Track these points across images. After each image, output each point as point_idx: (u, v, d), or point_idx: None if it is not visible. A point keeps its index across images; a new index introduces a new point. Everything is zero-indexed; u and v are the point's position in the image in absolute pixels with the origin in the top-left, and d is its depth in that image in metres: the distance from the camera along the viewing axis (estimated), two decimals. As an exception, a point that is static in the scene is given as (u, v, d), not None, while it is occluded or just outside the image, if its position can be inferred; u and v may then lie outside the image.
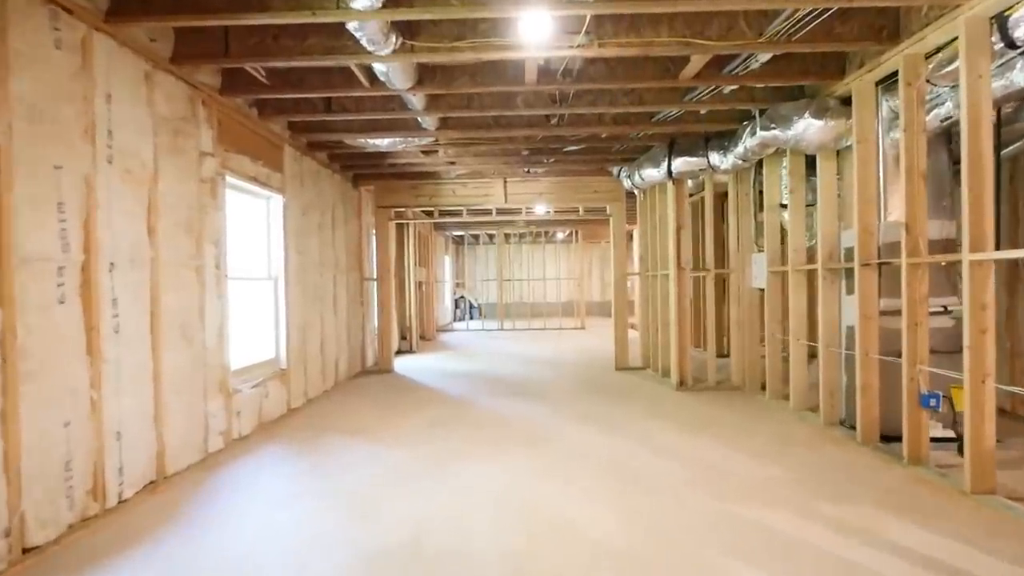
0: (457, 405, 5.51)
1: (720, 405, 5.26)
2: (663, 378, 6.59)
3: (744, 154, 5.07)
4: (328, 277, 6.34)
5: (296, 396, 5.32)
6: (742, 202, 5.88)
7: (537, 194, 7.59)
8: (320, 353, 6.01)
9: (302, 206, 5.60)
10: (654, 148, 6.06)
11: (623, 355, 7.49)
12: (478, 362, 8.54)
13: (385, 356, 7.59)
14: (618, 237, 7.54)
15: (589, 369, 7.64)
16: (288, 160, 5.28)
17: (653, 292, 7.14)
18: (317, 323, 5.95)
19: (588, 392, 6.04)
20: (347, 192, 7.16)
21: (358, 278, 7.50)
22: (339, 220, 6.76)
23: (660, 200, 6.63)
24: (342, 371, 6.76)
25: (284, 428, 4.66)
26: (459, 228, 13.95)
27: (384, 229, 7.62)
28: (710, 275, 6.14)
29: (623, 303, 7.54)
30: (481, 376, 7.21)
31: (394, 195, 7.60)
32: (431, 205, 7.66)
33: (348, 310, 7.05)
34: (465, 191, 7.60)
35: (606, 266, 19.63)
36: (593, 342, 11.01)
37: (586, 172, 7.49)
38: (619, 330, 7.51)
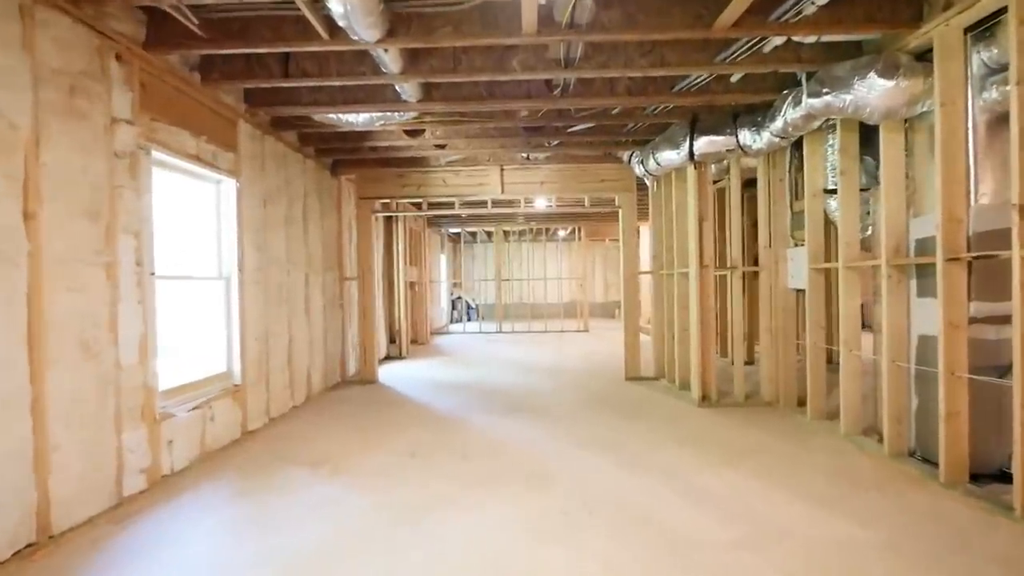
0: (444, 426, 4.71)
1: (754, 426, 4.46)
2: (681, 391, 5.79)
3: (783, 130, 4.27)
4: (298, 277, 5.54)
5: (254, 416, 4.52)
6: (775, 189, 5.08)
7: (537, 184, 6.79)
8: (287, 364, 5.21)
9: (263, 194, 4.80)
10: (673, 126, 5.26)
11: (634, 363, 6.69)
12: (473, 370, 7.74)
13: (368, 365, 6.79)
14: (628, 231, 6.74)
15: (595, 379, 6.84)
16: (244, 138, 4.48)
17: (668, 293, 6.34)
18: (283, 329, 5.15)
19: (596, 408, 5.24)
20: (324, 181, 6.37)
21: (337, 278, 6.70)
22: (313, 212, 5.97)
23: (678, 188, 5.83)
24: (316, 383, 5.96)
25: (234, 458, 3.87)
26: (455, 225, 13.16)
27: (366, 223, 6.82)
28: (736, 273, 5.34)
29: (634, 305, 6.74)
30: (475, 387, 6.41)
31: (377, 185, 6.80)
32: (419, 196, 6.85)
33: (325, 314, 6.25)
34: (457, 180, 6.80)
35: (610, 266, 18.83)
36: (598, 346, 10.21)
37: (592, 159, 6.69)
38: (629, 335, 6.71)
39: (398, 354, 9.07)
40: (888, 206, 3.59)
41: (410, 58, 3.74)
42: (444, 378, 7.10)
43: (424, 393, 6.13)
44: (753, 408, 5.08)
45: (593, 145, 6.07)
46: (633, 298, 6.74)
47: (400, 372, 7.62)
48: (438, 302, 14.43)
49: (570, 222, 13.24)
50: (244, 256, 4.41)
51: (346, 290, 6.88)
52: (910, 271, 3.56)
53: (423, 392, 6.19)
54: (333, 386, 6.48)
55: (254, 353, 4.54)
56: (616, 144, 6.07)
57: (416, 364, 8.39)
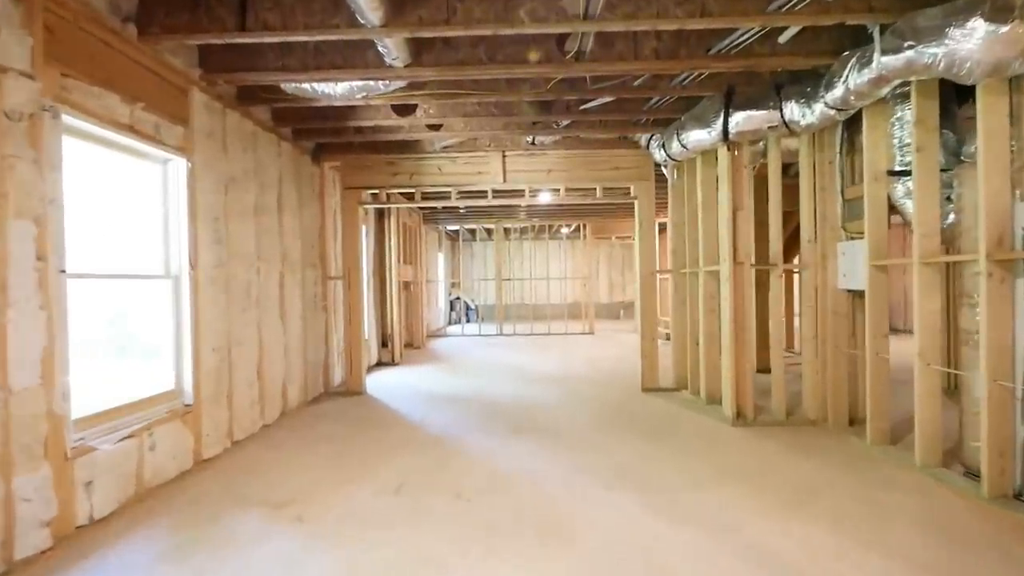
0: (437, 451, 4.00)
1: (805, 453, 3.75)
2: (708, 406, 5.08)
3: (843, 100, 3.57)
4: (271, 275, 4.83)
5: (212, 441, 3.81)
6: (823, 173, 4.37)
7: (544, 172, 6.08)
8: (256, 377, 4.50)
9: (225, 178, 4.09)
10: (704, 101, 4.55)
11: (651, 373, 5.98)
12: (471, 379, 7.03)
13: (354, 374, 6.08)
14: (645, 225, 6.03)
15: (608, 390, 6.13)
16: (199, 111, 3.77)
17: (692, 294, 5.63)
18: (252, 336, 4.44)
19: (613, 428, 4.53)
20: (303, 167, 5.66)
21: (319, 277, 5.99)
22: (290, 202, 5.26)
23: (705, 176, 5.12)
24: (293, 397, 5.25)
25: (178, 497, 3.15)
26: (453, 221, 12.45)
27: (352, 215, 6.11)
28: (776, 272, 4.63)
29: (651, 307, 6.04)
30: (474, 400, 5.70)
31: (365, 173, 6.09)
32: (411, 186, 6.14)
33: (304, 317, 5.54)
34: (454, 168, 6.09)
35: (614, 265, 18.13)
36: (606, 351, 9.50)
37: (606, 143, 5.98)
38: (646, 341, 6.00)
39: (391, 360, 8.36)
40: (988, 187, 2.88)
41: (394, 6, 3.04)
42: (439, 388, 6.39)
43: (416, 407, 5.42)
44: (797, 428, 4.37)
45: (608, 127, 5.36)
46: (650, 300, 6.03)
47: (391, 381, 6.91)
48: (435, 303, 13.72)
49: (575, 218, 12.54)
50: (198, 250, 3.70)
51: (330, 290, 6.17)
52: (1017, 268, 2.85)
53: (415, 406, 5.48)
54: (314, 399, 5.77)
55: (211, 366, 3.83)
56: (634, 126, 5.36)
57: (410, 371, 7.68)
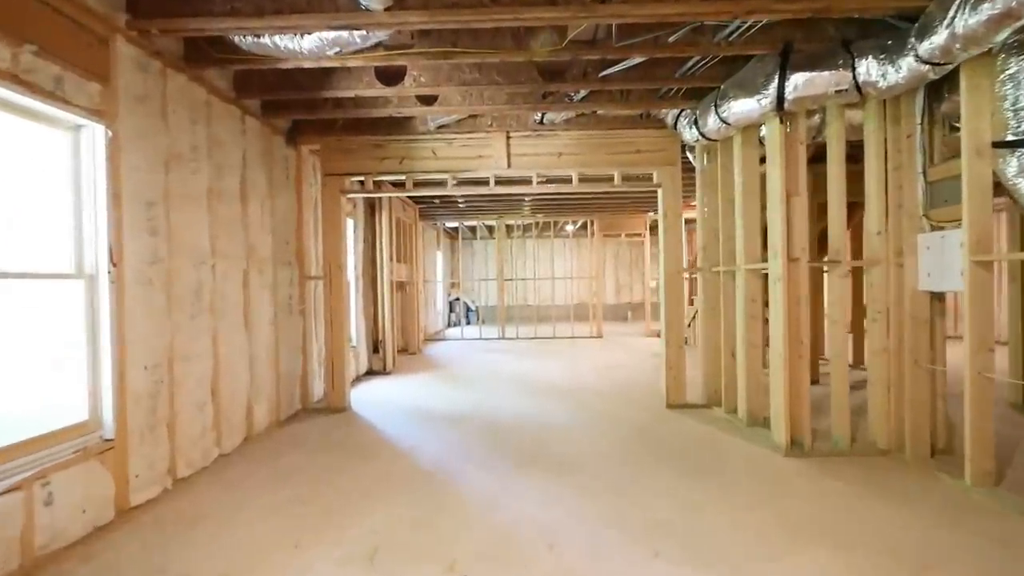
0: (426, 494, 3.22)
1: (891, 499, 2.96)
2: (750, 428, 4.30)
3: (945, 48, 2.78)
4: (232, 275, 4.05)
5: (144, 483, 3.04)
6: (898, 150, 3.59)
7: (554, 155, 5.29)
8: (210, 397, 3.72)
9: (165, 154, 3.31)
10: (752, 63, 3.77)
11: (677, 387, 5.20)
12: (471, 391, 6.25)
13: (336, 388, 5.30)
14: (670, 216, 5.24)
15: (627, 406, 5.34)
16: (126, 67, 3.00)
17: (727, 297, 4.84)
18: (204, 348, 3.66)
19: (643, 460, 3.75)
20: (276, 149, 4.88)
21: (295, 277, 5.21)
22: (257, 188, 4.48)
23: (745, 157, 4.34)
24: (261, 418, 4.47)
25: (74, 572, 2.37)
26: (451, 217, 11.66)
27: (334, 206, 5.33)
28: (838, 270, 3.84)
29: (677, 311, 5.25)
30: (473, 420, 4.92)
31: (348, 157, 5.31)
32: (402, 172, 5.36)
33: (276, 323, 4.76)
34: (450, 151, 5.30)
35: (621, 264, 17.33)
36: (618, 357, 8.71)
37: (626, 122, 5.19)
38: (672, 350, 5.21)
39: (382, 368, 7.58)
40: None
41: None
42: (434, 403, 5.60)
43: (406, 428, 4.64)
44: (865, 461, 3.58)
45: (631, 101, 4.56)
46: (676, 303, 5.24)
47: (381, 394, 6.13)
48: (433, 305, 12.95)
49: (582, 214, 11.75)
50: (122, 243, 2.92)
51: (309, 292, 5.39)
52: None
53: (405, 427, 4.70)
54: (289, 418, 4.99)
55: (142, 388, 3.05)
56: (661, 100, 4.57)
57: (402, 382, 6.89)
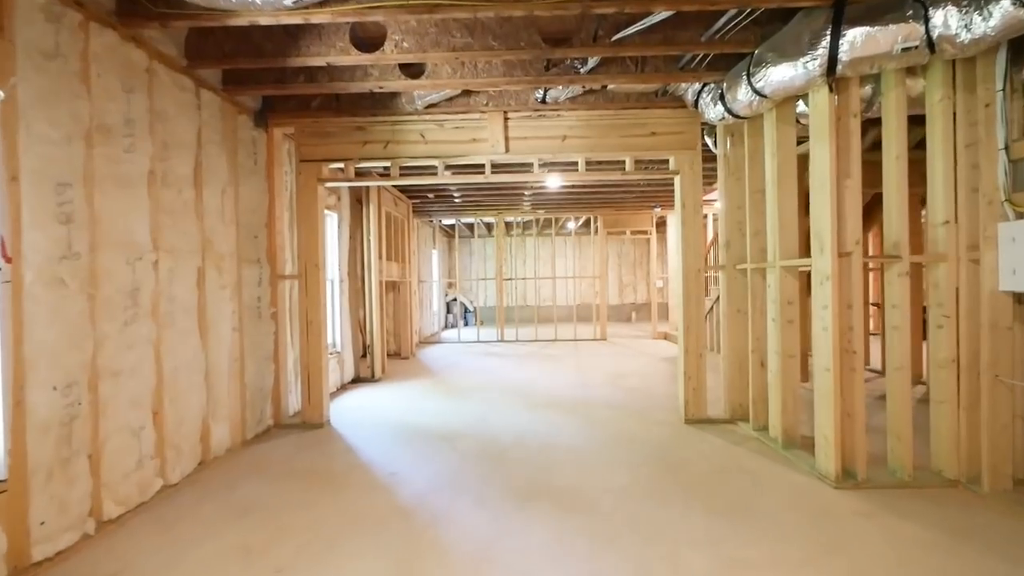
0: (404, 543, 2.62)
1: (989, 550, 2.37)
2: (787, 451, 3.71)
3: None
4: (182, 273, 3.45)
5: (53, 530, 2.44)
6: (972, 122, 2.99)
7: (558, 138, 4.69)
8: (150, 421, 3.12)
9: (85, 124, 2.71)
10: (797, 19, 3.16)
11: (698, 400, 4.60)
12: (465, 402, 5.65)
13: (313, 402, 4.70)
14: (689, 207, 4.64)
15: (642, 421, 4.75)
16: (27, 14, 2.41)
17: (756, 298, 4.25)
18: (141, 360, 3.06)
19: (667, 494, 3.15)
20: (242, 131, 4.28)
21: (266, 276, 4.61)
22: (216, 174, 3.88)
23: (781, 136, 3.75)
24: (221, 439, 3.87)
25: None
26: (447, 213, 11.06)
27: (310, 196, 4.73)
28: (896, 268, 3.24)
29: (697, 314, 4.65)
30: (467, 439, 4.32)
31: (326, 141, 4.71)
32: (386, 157, 4.76)
33: (242, 329, 4.17)
34: (441, 134, 4.70)
35: (625, 263, 16.73)
36: (626, 363, 8.11)
37: (640, 100, 4.58)
38: (691, 359, 4.61)
39: (370, 375, 6.98)
40: None
41: None
42: (424, 418, 5.01)
43: (388, 450, 4.04)
44: (933, 494, 2.99)
45: (647, 71, 3.96)
46: (696, 305, 4.64)
47: (366, 405, 5.53)
48: (429, 306, 12.35)
49: (585, 210, 11.14)
50: (21, 233, 2.32)
51: (283, 294, 4.79)
52: None
53: (388, 447, 4.10)
54: (257, 437, 4.39)
55: (50, 414, 2.45)
56: (682, 71, 3.96)
57: (391, 391, 6.30)
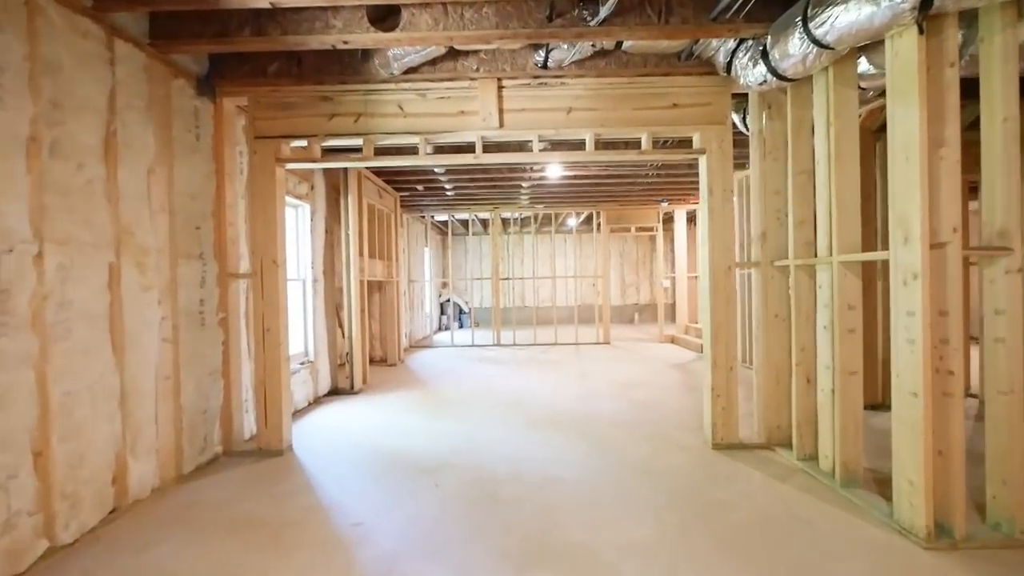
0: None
1: None
2: (847, 489, 2.98)
3: None
4: (82, 271, 2.70)
5: None
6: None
7: (562, 111, 3.96)
8: (28, 466, 2.37)
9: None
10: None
11: (728, 421, 3.87)
12: (454, 421, 4.91)
13: (271, 425, 3.95)
14: (717, 193, 3.91)
15: (662, 447, 4.01)
16: None
17: (803, 301, 3.53)
18: (15, 389, 2.31)
19: (710, 557, 2.41)
20: (174, 96, 3.53)
21: (209, 275, 3.86)
22: (140, 148, 3.13)
23: (839, 101, 3.02)
24: (142, 479, 3.12)
25: None
26: (439, 208, 10.31)
27: (266, 179, 3.98)
28: (1006, 262, 2.51)
29: (726, 320, 3.92)
30: (453, 472, 3.58)
31: (286, 114, 3.96)
32: (358, 133, 4.02)
33: (179, 340, 3.42)
34: (423, 106, 3.96)
35: (627, 261, 16.00)
36: (632, 370, 7.38)
37: (658, 67, 3.84)
38: (719, 372, 3.88)
39: (349, 386, 6.23)
40: None
41: None
42: (404, 442, 4.26)
43: (357, 488, 3.30)
44: (1065, 562, 2.27)
45: (672, 22, 3.22)
46: (724, 309, 3.91)
47: (339, 424, 4.78)
48: (420, 307, 11.60)
49: (588, 204, 10.41)
50: None
51: (235, 295, 4.04)
52: None
53: (356, 484, 3.36)
54: (199, 469, 3.64)
55: None
56: (715, 23, 3.23)
57: (371, 405, 5.55)
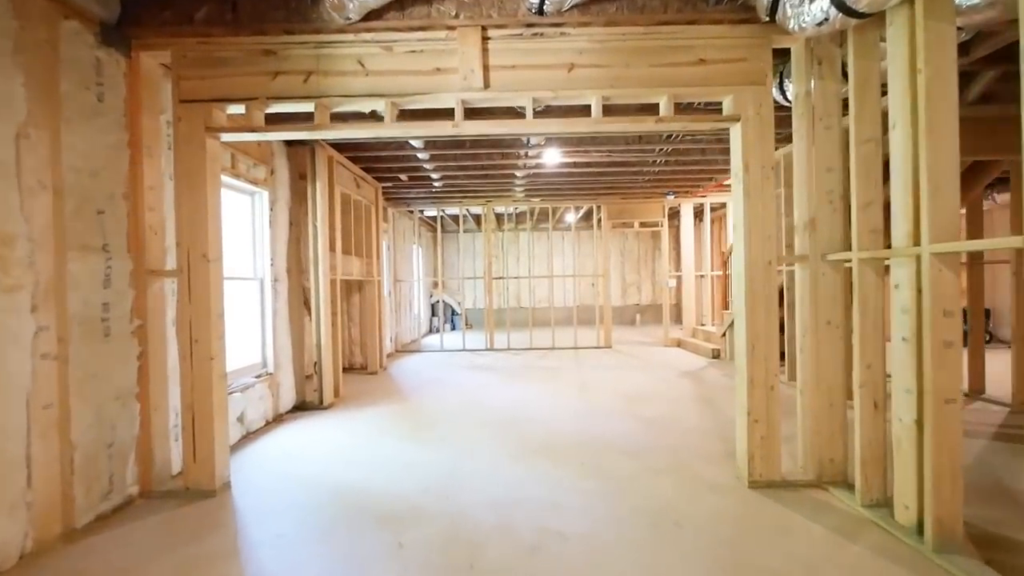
0: None
1: None
2: (939, 555, 2.23)
3: None
4: None
5: None
6: None
7: (562, 68, 3.20)
8: None
9: None
10: None
11: (768, 455, 3.12)
12: (435, 448, 4.14)
13: (201, 458, 3.18)
14: (754, 171, 3.16)
15: (684, 483, 3.26)
16: None
17: (864, 303, 2.78)
18: None
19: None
20: (60, 42, 2.75)
21: (116, 272, 3.08)
22: (6, 103, 2.37)
23: (930, 42, 2.28)
24: (9, 540, 2.35)
25: None
26: (427, 202, 9.53)
27: (196, 153, 3.20)
28: None
29: (766, 323, 3.16)
30: (421, 523, 2.82)
31: (219, 72, 3.19)
32: (309, 96, 3.25)
33: (67, 356, 2.65)
34: (389, 62, 3.20)
35: (628, 259, 15.25)
36: (638, 379, 6.62)
37: (679, 13, 3.08)
38: (757, 392, 3.13)
39: (317, 400, 5.45)
40: None
41: None
42: (369, 477, 3.49)
43: (297, 550, 2.53)
44: None
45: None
46: (766, 312, 3.15)
47: (295, 453, 4.01)
48: (409, 308, 10.83)
49: (587, 197, 9.65)
50: None
51: (156, 298, 3.27)
52: None
53: (298, 543, 2.59)
54: (99, 519, 2.86)
55: None
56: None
57: (339, 425, 4.78)
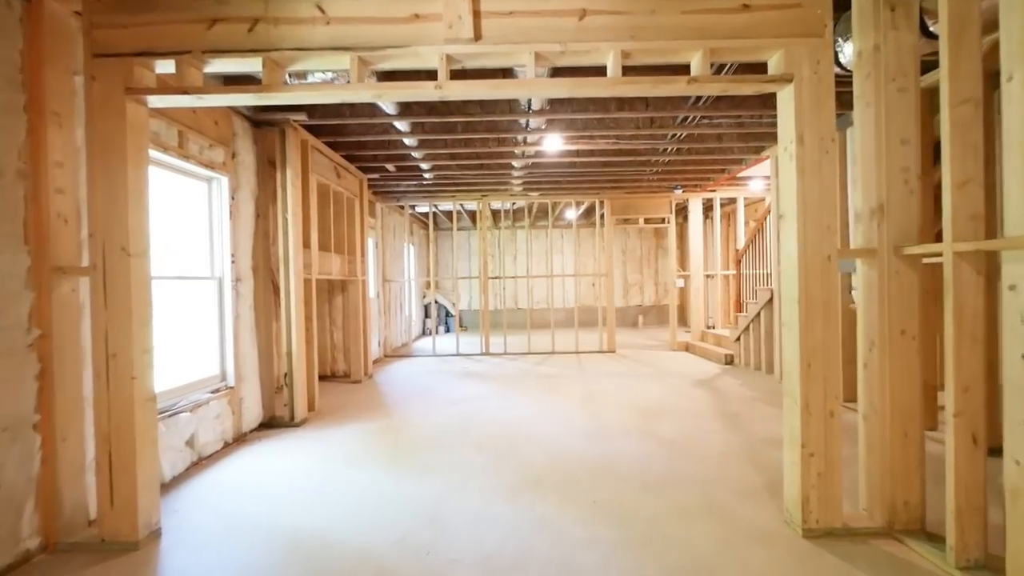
0: None
1: None
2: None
3: None
4: None
5: None
6: None
7: (571, 16, 2.57)
8: None
9: None
10: None
11: (827, 496, 2.50)
12: (416, 479, 3.51)
13: (119, 503, 2.54)
14: (812, 144, 2.53)
15: (720, 530, 2.63)
16: None
17: (959, 310, 2.15)
18: None
19: None
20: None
21: (12, 271, 2.44)
22: None
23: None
24: None
25: None
26: (417, 194, 8.89)
27: (114, 121, 2.56)
28: None
29: (825, 333, 2.53)
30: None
31: (143, 19, 2.55)
32: (257, 48, 2.62)
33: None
34: (356, 7, 2.56)
35: (630, 258, 14.63)
36: (649, 389, 5.99)
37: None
38: (813, 420, 2.50)
39: (288, 416, 4.81)
40: None
41: None
42: (335, 524, 2.85)
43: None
44: None
45: None
46: (825, 318, 2.53)
47: (250, 485, 3.37)
48: (399, 310, 10.19)
49: (590, 191, 9.03)
50: None
51: (63, 302, 2.62)
52: None
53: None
54: (-22, 585, 2.24)
55: None
56: None
57: (309, 448, 4.14)
